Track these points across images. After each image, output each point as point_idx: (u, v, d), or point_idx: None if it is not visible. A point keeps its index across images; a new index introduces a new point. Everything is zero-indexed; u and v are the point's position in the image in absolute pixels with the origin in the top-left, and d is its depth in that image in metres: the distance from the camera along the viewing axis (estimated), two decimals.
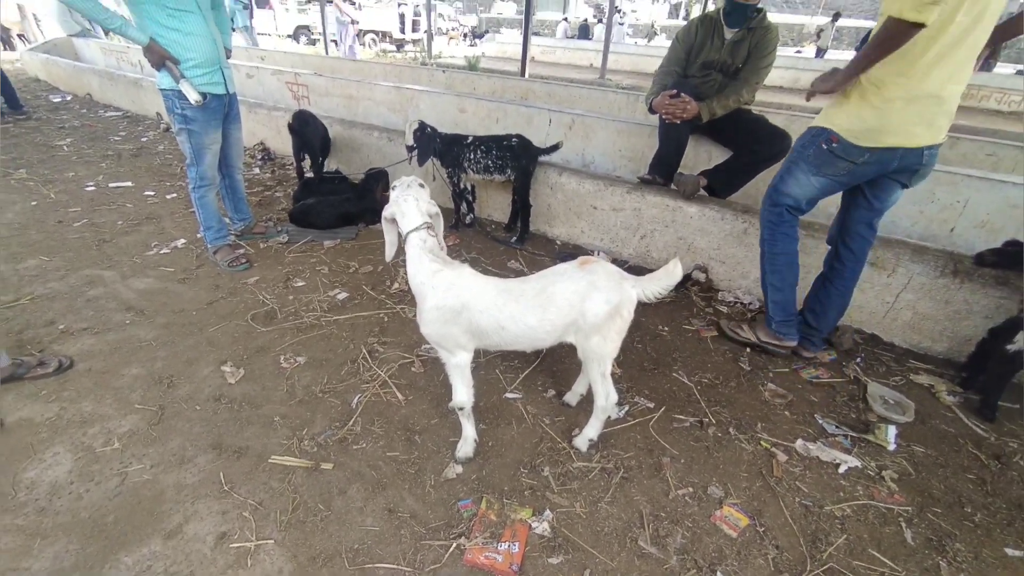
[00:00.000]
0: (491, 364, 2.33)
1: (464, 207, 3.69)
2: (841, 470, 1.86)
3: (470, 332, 1.63)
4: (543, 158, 3.38)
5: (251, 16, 12.10)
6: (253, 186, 4.38)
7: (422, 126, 3.37)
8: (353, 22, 12.15)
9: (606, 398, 1.75)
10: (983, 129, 6.92)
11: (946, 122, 1.88)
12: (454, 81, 6.67)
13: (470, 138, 3.42)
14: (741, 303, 2.85)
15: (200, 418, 1.95)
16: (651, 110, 3.14)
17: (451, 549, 1.52)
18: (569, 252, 3.39)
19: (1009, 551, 1.62)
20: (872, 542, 1.62)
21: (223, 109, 2.82)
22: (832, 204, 2.30)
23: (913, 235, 2.77)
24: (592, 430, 1.86)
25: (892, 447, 1.96)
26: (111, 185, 4.30)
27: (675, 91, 2.95)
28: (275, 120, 5.03)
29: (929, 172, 2.01)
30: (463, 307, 1.59)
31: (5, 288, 2.67)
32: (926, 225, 2.78)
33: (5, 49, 12.33)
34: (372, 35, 17.82)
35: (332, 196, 3.75)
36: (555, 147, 3.35)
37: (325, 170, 4.26)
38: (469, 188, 3.65)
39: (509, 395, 2.15)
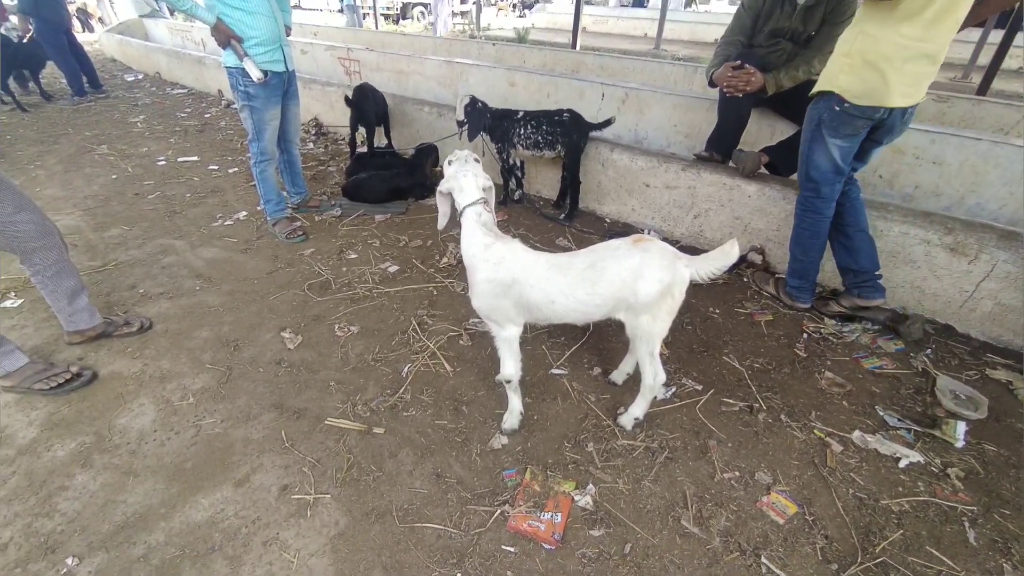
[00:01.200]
0: (538, 340, 2.37)
1: (513, 183, 3.70)
2: (901, 464, 1.79)
3: (520, 306, 1.66)
4: (594, 134, 3.33)
5: None
6: (307, 161, 4.55)
7: (473, 101, 3.38)
8: None
9: (654, 377, 1.76)
10: None
11: (929, 83, 1.98)
12: (504, 54, 6.59)
13: (520, 113, 3.40)
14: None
15: (263, 379, 2.10)
16: (712, 83, 3.01)
17: (495, 515, 1.59)
18: (619, 230, 3.35)
19: None
20: (931, 539, 1.56)
21: (283, 86, 2.93)
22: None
23: (1000, 219, 2.56)
24: (638, 409, 1.87)
25: (960, 444, 1.86)
26: (179, 159, 4.58)
27: (739, 62, 2.81)
28: (328, 95, 5.17)
29: (904, 131, 2.15)
30: (514, 281, 1.61)
31: (94, 255, 2.93)
32: (1016, 208, 2.55)
33: (85, 31, 13.19)
34: (420, 7, 17.77)
35: (383, 171, 3.84)
36: (608, 122, 3.28)
37: (377, 145, 4.36)
38: (518, 164, 3.65)
39: (555, 371, 2.18)
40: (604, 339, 2.38)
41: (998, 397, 2.08)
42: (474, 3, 14.53)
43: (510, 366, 1.77)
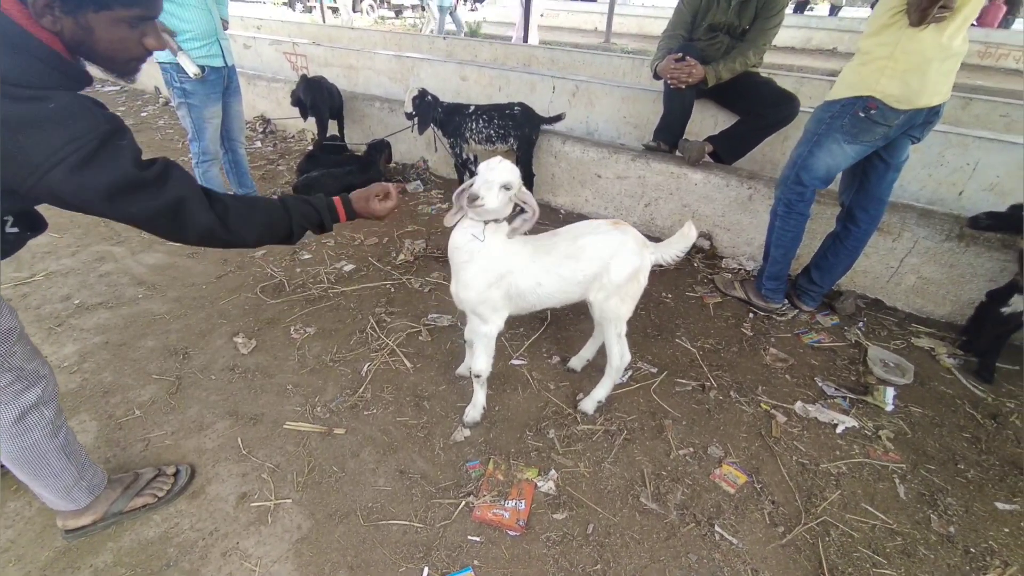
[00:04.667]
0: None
1: (467, 177, 3.68)
2: (838, 430, 1.91)
3: (509, 295, 1.67)
4: (546, 127, 3.35)
5: None
6: (256, 160, 4.38)
7: (422, 93, 3.34)
8: None
9: (620, 358, 1.82)
10: (999, 89, 6.72)
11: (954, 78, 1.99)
12: (455, 48, 6.52)
13: (472, 107, 3.38)
14: (745, 269, 2.86)
15: (216, 387, 2.02)
16: (656, 75, 3.08)
17: (460, 507, 1.60)
18: (574, 221, 3.38)
19: (999, 505, 1.68)
20: (865, 497, 1.68)
21: (222, 82, 2.80)
22: None
23: (921, 199, 2.74)
24: (602, 390, 1.93)
25: (890, 408, 2.00)
26: None
27: (680, 55, 2.89)
28: (275, 92, 4.98)
29: (935, 124, 2.09)
30: (507, 270, 1.62)
31: (19, 266, 2.72)
32: (934, 189, 2.74)
33: None
34: (370, 1, 17.32)
35: (336, 168, 3.74)
36: (559, 117, 3.32)
37: (331, 138, 4.24)
38: (472, 158, 3.63)
39: (515, 361, 2.20)
40: (562, 328, 2.42)
41: (922, 363, 2.24)
42: None
43: (483, 361, 1.77)
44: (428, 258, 2.96)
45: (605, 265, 1.65)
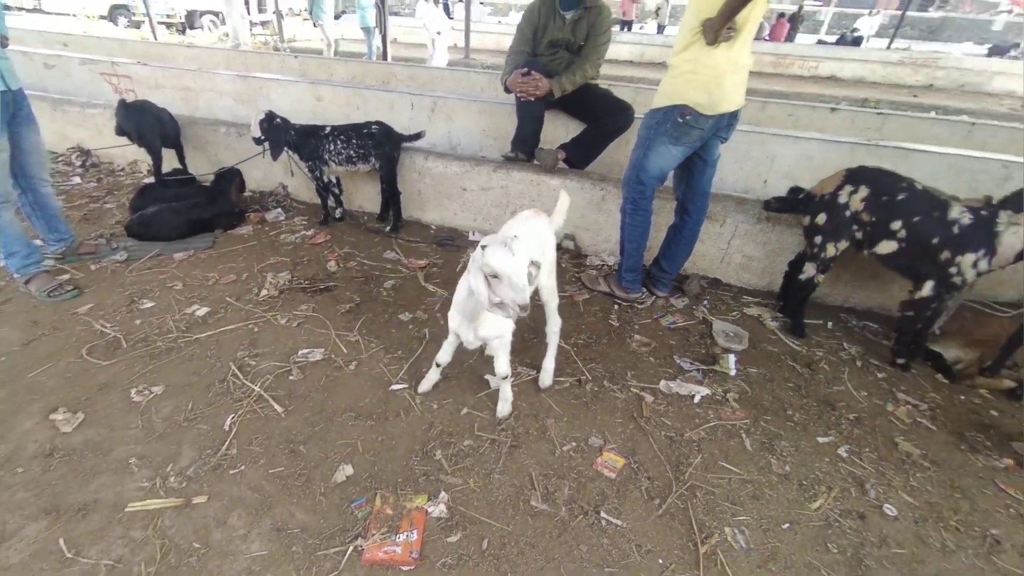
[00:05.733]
0: (374, 359, 2.26)
1: (332, 201, 3.48)
2: (696, 400, 2.10)
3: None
4: (407, 144, 3.29)
5: None
6: (74, 199, 3.72)
7: (270, 116, 3.09)
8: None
9: (558, 324, 2.07)
10: (788, 92, 8.02)
11: (745, 88, 2.31)
12: (309, 67, 6.16)
13: (328, 128, 3.21)
14: (607, 265, 3.05)
15: (25, 482, 1.64)
16: (507, 89, 3.18)
17: (348, 553, 1.48)
18: (446, 236, 3.36)
19: (820, 439, 1.96)
20: (722, 455, 1.86)
21: (7, 109, 2.33)
22: None
23: (737, 189, 3.16)
24: (552, 360, 2.12)
25: (733, 373, 2.26)
26: None
27: (526, 70, 3.01)
28: (93, 118, 4.29)
29: (736, 126, 2.42)
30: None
31: None
32: (745, 180, 3.18)
33: None
34: (210, 16, 15.70)
35: (178, 202, 3.31)
36: (419, 135, 3.28)
37: (166, 171, 3.74)
38: (334, 181, 3.44)
39: (395, 387, 2.11)
40: (440, 346, 2.37)
41: (754, 329, 2.57)
42: (275, 12, 13.24)
43: (505, 363, 1.85)
44: (294, 290, 2.73)
45: (542, 248, 1.79)
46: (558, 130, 3.58)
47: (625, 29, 15.67)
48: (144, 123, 3.47)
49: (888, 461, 1.89)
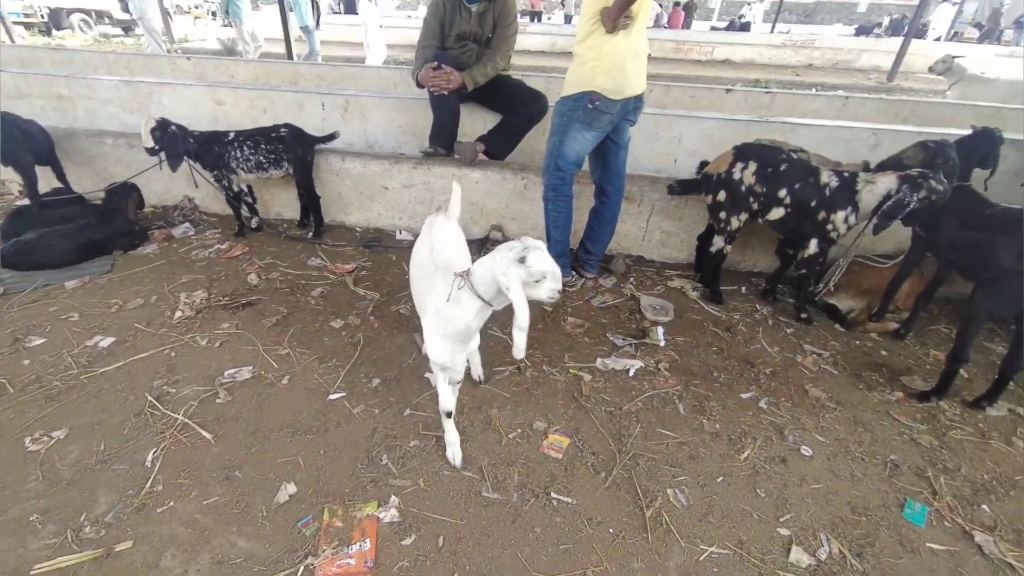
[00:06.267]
0: (308, 370, 2.15)
1: (246, 210, 3.26)
2: (631, 373, 2.19)
3: None
4: (321, 146, 3.13)
5: None
6: None
7: (163, 124, 2.82)
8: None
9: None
10: (689, 76, 8.48)
11: (645, 73, 2.42)
12: (205, 69, 5.68)
13: (232, 134, 2.99)
14: None
15: None
16: (419, 84, 3.11)
17: (299, 574, 1.41)
18: (372, 237, 3.26)
19: (743, 395, 2.12)
20: (659, 422, 1.96)
21: None
22: None
23: (650, 169, 3.30)
24: (478, 355, 2.08)
25: (662, 343, 2.38)
26: None
27: (436, 64, 2.95)
28: None
29: (642, 109, 2.51)
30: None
31: None
32: (657, 159, 3.33)
33: None
34: (82, 16, 13.96)
35: (65, 225, 2.95)
36: (332, 136, 3.14)
37: (46, 191, 3.32)
38: (246, 189, 3.22)
39: (333, 396, 2.02)
40: (377, 348, 2.31)
41: (678, 300, 2.71)
42: (162, 10, 11.99)
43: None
44: (213, 308, 2.54)
45: (464, 247, 1.77)
46: (475, 122, 3.56)
47: (535, 20, 15.89)
48: (8, 138, 3.05)
49: (801, 407, 2.08)
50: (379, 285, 2.80)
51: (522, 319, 1.31)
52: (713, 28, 18.45)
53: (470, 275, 1.40)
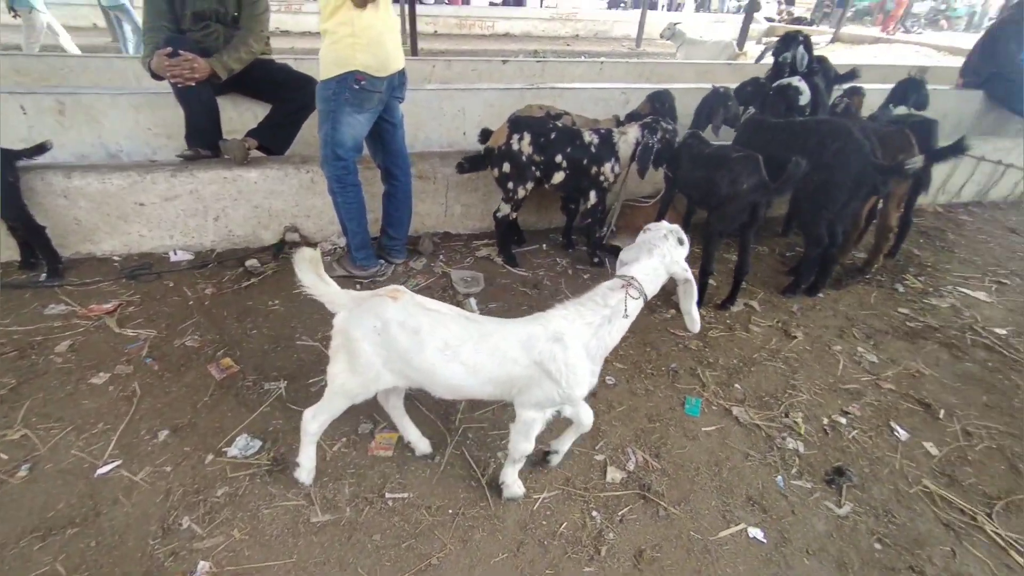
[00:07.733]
0: (61, 447, 1.68)
1: None
2: None
3: None
4: (26, 162, 2.39)
5: None
6: None
7: None
8: None
9: None
10: (475, 50, 8.64)
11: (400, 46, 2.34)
12: None
13: None
14: (340, 247, 2.86)
15: None
16: (154, 75, 2.56)
17: None
18: (137, 264, 2.65)
19: None
20: None
21: None
22: None
23: (443, 145, 3.28)
24: None
25: (476, 313, 2.40)
26: None
27: (170, 49, 2.45)
28: None
29: (407, 85, 2.45)
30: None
31: None
32: (447, 134, 3.32)
33: None
34: None
35: None
36: (41, 148, 2.43)
37: None
38: None
39: (103, 469, 1.61)
40: (159, 397, 1.91)
41: (487, 268, 2.78)
42: None
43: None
44: None
45: None
46: (245, 116, 3.10)
47: None
48: None
49: None
50: (154, 320, 2.30)
51: (695, 292, 1.54)
52: (491, 3, 18.97)
53: (636, 282, 1.43)
